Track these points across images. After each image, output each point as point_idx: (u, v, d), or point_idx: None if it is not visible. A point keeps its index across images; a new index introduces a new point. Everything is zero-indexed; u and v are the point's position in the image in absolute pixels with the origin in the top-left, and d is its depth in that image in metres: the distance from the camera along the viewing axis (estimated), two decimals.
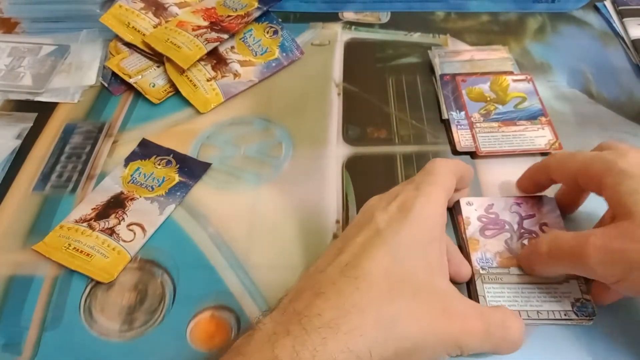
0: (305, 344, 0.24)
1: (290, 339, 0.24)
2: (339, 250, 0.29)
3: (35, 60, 0.51)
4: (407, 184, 0.32)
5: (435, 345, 0.26)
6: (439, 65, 0.49)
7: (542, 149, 0.41)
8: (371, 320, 0.25)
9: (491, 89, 0.46)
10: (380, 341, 0.25)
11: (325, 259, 0.29)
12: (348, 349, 0.24)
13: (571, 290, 0.32)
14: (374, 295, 0.26)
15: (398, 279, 0.27)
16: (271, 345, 0.24)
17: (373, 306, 0.26)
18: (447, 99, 0.45)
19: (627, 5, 0.55)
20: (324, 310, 0.25)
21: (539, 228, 0.35)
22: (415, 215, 0.29)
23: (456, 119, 0.44)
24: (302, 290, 0.27)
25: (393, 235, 0.28)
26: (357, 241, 0.29)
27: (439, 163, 0.32)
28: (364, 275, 0.27)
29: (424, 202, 0.29)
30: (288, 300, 0.27)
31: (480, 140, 0.42)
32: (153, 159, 0.42)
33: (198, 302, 0.34)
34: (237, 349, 0.25)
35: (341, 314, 0.25)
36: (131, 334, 0.33)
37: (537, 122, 0.43)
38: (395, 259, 0.27)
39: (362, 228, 0.29)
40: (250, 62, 0.50)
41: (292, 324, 0.25)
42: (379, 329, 0.25)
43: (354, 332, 0.25)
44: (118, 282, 0.35)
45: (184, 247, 0.37)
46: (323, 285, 0.27)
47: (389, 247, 0.28)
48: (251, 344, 0.25)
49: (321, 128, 0.45)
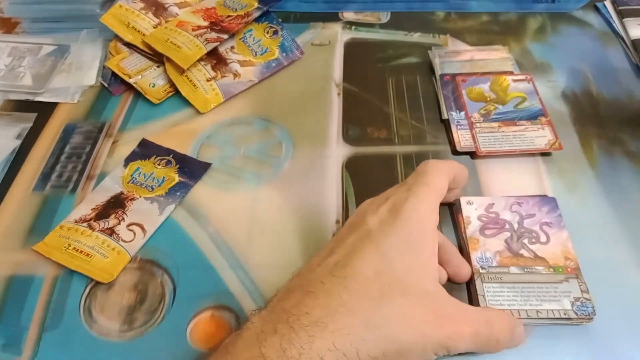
0: (293, 342, 0.24)
1: (278, 338, 0.24)
2: (330, 251, 0.29)
3: (35, 60, 0.51)
4: (400, 186, 0.32)
5: (425, 346, 0.26)
6: (439, 65, 0.49)
7: (542, 149, 0.41)
8: (360, 320, 0.25)
9: (491, 89, 0.46)
10: (368, 341, 0.25)
11: (316, 260, 0.29)
12: (335, 347, 0.24)
13: (571, 290, 0.32)
14: (363, 295, 0.26)
15: (388, 280, 0.27)
16: (259, 343, 0.24)
17: (362, 306, 0.26)
18: (447, 99, 0.45)
19: (627, 5, 0.55)
20: (312, 309, 0.25)
21: (540, 227, 0.35)
22: (405, 217, 0.29)
23: (456, 119, 0.44)
24: (292, 290, 0.27)
25: (383, 237, 0.28)
26: (347, 242, 0.29)
27: (431, 164, 0.32)
28: (353, 275, 0.27)
29: (415, 204, 0.29)
30: (277, 299, 0.28)
31: (480, 140, 0.42)
32: (153, 159, 0.42)
33: (198, 302, 0.34)
34: (226, 347, 0.26)
35: (329, 313, 0.25)
36: (131, 334, 0.33)
37: (537, 122, 0.43)
38: (385, 260, 0.27)
39: (354, 230, 0.30)
40: (250, 62, 0.50)
41: (280, 323, 0.25)
42: (368, 329, 0.25)
43: (342, 331, 0.25)
44: (118, 282, 0.35)
45: (184, 247, 0.37)
46: (312, 285, 0.27)
47: (379, 249, 0.28)
48: (239, 342, 0.25)
49: (321, 128, 0.45)
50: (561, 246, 0.34)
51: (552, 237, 0.35)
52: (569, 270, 0.33)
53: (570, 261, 0.33)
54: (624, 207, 0.38)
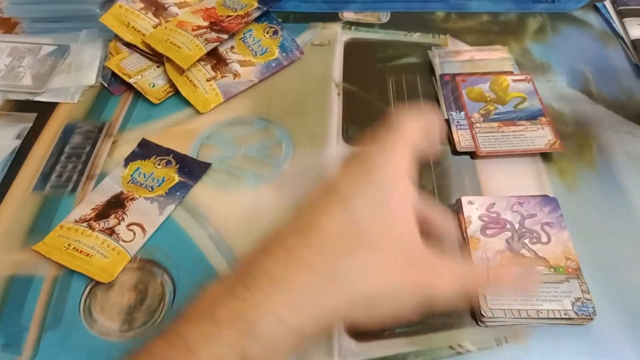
0: (247, 301, 0.24)
1: (234, 300, 0.24)
2: (298, 212, 0.28)
3: (35, 60, 0.51)
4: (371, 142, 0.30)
5: (399, 295, 0.26)
6: (439, 65, 0.49)
7: (542, 149, 0.41)
8: (319, 275, 0.25)
9: (491, 89, 0.46)
10: (328, 295, 0.24)
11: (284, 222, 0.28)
12: (293, 304, 0.24)
13: (571, 290, 0.32)
14: (324, 252, 0.25)
15: (354, 236, 0.26)
16: (214, 307, 0.24)
17: (323, 262, 0.25)
18: (447, 99, 0.45)
19: (627, 5, 0.55)
20: (270, 268, 0.25)
21: (541, 228, 0.35)
22: (375, 172, 0.28)
23: (456, 119, 0.44)
24: (254, 251, 0.27)
25: (351, 194, 0.27)
26: (314, 202, 0.28)
27: (404, 117, 0.31)
28: (317, 234, 0.26)
29: (386, 159, 0.28)
30: (239, 263, 0.27)
31: (480, 140, 0.42)
32: (153, 159, 0.42)
33: None
34: (184, 314, 0.25)
35: (288, 272, 0.25)
36: (131, 334, 0.33)
37: (537, 122, 0.43)
38: (353, 218, 0.26)
39: (323, 191, 0.28)
40: (250, 62, 0.50)
41: (238, 285, 0.25)
42: (328, 284, 0.25)
43: (299, 287, 0.24)
44: (118, 282, 0.35)
45: (184, 247, 0.37)
46: (275, 245, 0.26)
47: (346, 206, 0.27)
48: (197, 308, 0.25)
49: (321, 128, 0.45)
50: (562, 246, 0.34)
51: (553, 237, 0.35)
52: (569, 270, 0.33)
53: (571, 261, 0.33)
54: (624, 207, 0.38)
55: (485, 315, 0.31)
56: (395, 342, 0.32)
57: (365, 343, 0.32)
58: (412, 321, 0.28)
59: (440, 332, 0.33)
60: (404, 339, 0.32)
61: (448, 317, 0.33)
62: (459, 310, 0.33)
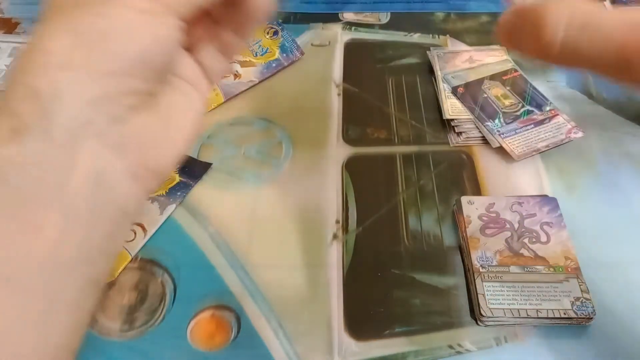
0: None
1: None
2: None
3: None
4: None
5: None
6: (438, 65, 0.49)
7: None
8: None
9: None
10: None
11: None
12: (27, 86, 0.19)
13: (571, 289, 0.32)
14: None
15: None
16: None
17: None
18: (474, 111, 0.44)
19: (627, 6, 0.55)
20: None
21: (540, 227, 0.35)
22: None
23: (495, 129, 0.44)
24: None
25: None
26: None
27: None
28: None
29: None
30: None
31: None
32: None
33: (198, 301, 0.34)
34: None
35: None
36: (132, 333, 0.33)
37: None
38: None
39: None
40: (250, 62, 0.50)
41: None
42: None
43: None
44: (118, 282, 0.35)
45: (185, 246, 0.37)
46: None
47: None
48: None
49: (321, 128, 0.45)
50: (561, 246, 0.34)
51: (552, 236, 0.35)
52: (569, 270, 0.33)
53: (571, 261, 0.34)
54: (624, 207, 0.38)
55: (484, 314, 0.32)
56: (394, 342, 0.32)
57: (365, 342, 0.32)
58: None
59: (440, 332, 0.33)
60: (403, 339, 0.32)
61: (448, 316, 0.33)
62: (459, 310, 0.33)
